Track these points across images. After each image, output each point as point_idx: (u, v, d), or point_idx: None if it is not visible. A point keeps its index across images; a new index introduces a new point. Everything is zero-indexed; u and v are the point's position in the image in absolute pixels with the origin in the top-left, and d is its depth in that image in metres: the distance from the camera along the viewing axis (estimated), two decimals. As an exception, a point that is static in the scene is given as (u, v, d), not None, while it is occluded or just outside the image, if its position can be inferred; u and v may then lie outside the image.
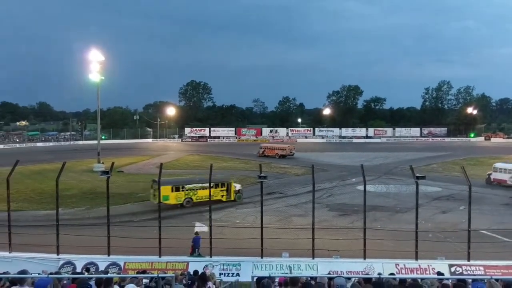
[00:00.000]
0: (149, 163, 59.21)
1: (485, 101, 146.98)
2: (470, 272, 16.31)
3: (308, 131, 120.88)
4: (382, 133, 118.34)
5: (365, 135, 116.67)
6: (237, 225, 25.64)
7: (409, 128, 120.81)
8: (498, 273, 16.18)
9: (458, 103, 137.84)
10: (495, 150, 79.61)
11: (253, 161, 55.94)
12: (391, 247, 19.52)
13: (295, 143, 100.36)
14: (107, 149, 66.81)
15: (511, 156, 64.72)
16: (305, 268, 16.53)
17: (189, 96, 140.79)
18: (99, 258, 17.22)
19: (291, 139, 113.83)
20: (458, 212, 29.13)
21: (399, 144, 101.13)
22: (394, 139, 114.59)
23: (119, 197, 33.87)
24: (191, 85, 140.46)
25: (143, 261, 17.04)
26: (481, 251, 18.15)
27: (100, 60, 52.34)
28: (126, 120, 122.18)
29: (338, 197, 36.07)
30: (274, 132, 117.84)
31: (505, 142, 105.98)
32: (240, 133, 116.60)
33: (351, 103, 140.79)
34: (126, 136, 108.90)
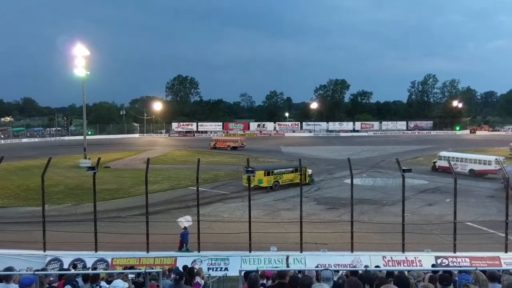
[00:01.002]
0: (136, 158, 58.85)
1: (470, 94, 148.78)
2: (456, 264, 16.51)
3: (296, 125, 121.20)
4: (369, 126, 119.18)
5: (352, 129, 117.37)
6: (225, 220, 25.67)
7: (396, 122, 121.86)
8: (483, 264, 16.41)
9: (444, 96, 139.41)
10: (480, 142, 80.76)
11: (241, 156, 55.85)
12: (378, 240, 19.71)
13: (283, 138, 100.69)
14: (93, 145, 66.26)
15: (495, 148, 65.88)
16: (293, 262, 16.58)
17: (176, 91, 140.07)
18: (87, 254, 17.09)
19: (279, 133, 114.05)
20: (444, 204, 29.49)
21: (386, 137, 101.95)
22: (381, 132, 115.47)
23: (106, 193, 33.65)
24: (178, 79, 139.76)
25: (130, 256, 16.94)
26: (467, 243, 18.41)
27: (85, 54, 51.67)
28: (112, 115, 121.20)
29: (326, 190, 36.25)
30: (261, 127, 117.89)
31: (490, 134, 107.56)
32: (227, 128, 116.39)
33: (338, 97, 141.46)
34: (113, 131, 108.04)
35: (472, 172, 42.63)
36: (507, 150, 59.94)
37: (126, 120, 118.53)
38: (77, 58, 51.35)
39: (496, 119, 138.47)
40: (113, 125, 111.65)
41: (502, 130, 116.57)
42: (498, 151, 61.99)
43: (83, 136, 57.27)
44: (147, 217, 17.98)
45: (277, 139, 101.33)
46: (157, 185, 37.62)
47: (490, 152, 61.47)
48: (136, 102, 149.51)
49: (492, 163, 42.06)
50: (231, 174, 43.79)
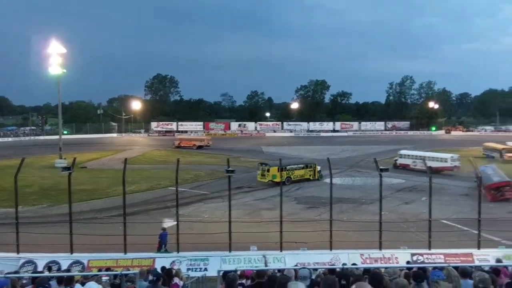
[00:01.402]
0: (114, 158, 58.05)
1: (446, 95, 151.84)
2: (431, 261, 16.83)
3: (277, 125, 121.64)
4: (348, 127, 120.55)
5: (332, 129, 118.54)
6: (205, 220, 25.57)
7: (374, 122, 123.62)
8: (457, 260, 16.79)
9: (421, 97, 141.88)
10: (455, 142, 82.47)
11: (221, 155, 55.75)
12: (357, 238, 19.92)
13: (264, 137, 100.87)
14: (69, 144, 65.09)
15: (470, 148, 67.32)
16: (273, 261, 16.64)
17: (155, 90, 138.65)
18: (62, 257, 16.78)
19: (260, 133, 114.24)
20: (420, 202, 30.04)
21: (365, 137, 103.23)
22: (360, 132, 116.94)
23: (83, 194, 33.11)
24: (157, 78, 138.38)
25: (107, 258, 16.70)
26: (442, 240, 18.74)
27: (61, 52, 50.70)
28: (89, 114, 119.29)
29: (306, 190, 36.47)
30: (242, 126, 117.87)
31: (464, 135, 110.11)
32: (208, 128, 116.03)
33: (319, 97, 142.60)
34: (90, 131, 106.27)
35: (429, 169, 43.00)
36: (480, 150, 61.35)
37: (104, 119, 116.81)
38: (52, 55, 50.34)
39: (470, 120, 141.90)
40: (90, 125, 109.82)
41: (476, 130, 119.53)
42: (472, 151, 63.42)
43: (59, 135, 56.14)
44: (124, 218, 17.75)
45: (258, 139, 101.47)
46: (136, 185, 37.20)
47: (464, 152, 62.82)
48: (114, 101, 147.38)
49: (448, 160, 44.88)
50: (211, 174, 43.64)
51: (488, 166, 37.16)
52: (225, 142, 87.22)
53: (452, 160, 44.72)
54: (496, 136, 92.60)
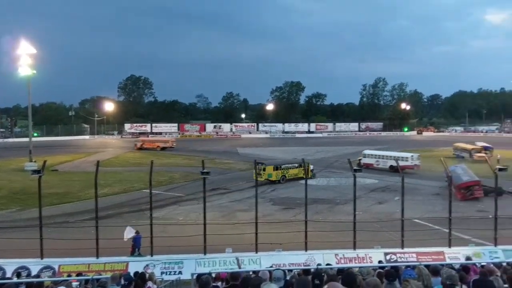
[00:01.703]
0: (86, 160, 56.86)
1: (417, 97, 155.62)
2: (404, 259, 17.12)
3: (252, 127, 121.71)
4: (323, 128, 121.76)
5: (307, 130, 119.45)
6: (180, 223, 25.32)
7: (348, 123, 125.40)
8: (429, 259, 17.12)
9: (393, 99, 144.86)
10: (426, 143, 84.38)
11: (196, 157, 55.38)
12: (331, 238, 20.06)
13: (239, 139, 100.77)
14: (40, 147, 63.46)
15: (440, 149, 68.99)
16: (249, 263, 16.61)
17: (129, 91, 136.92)
18: (32, 262, 16.32)
19: (235, 134, 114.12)
20: (393, 202, 30.56)
21: (339, 138, 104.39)
22: (335, 133, 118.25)
23: (54, 197, 32.37)
24: (130, 79, 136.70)
25: (79, 263, 16.34)
26: (414, 239, 19.06)
27: (31, 53, 49.45)
28: (60, 116, 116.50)
29: (282, 191, 36.62)
30: (218, 128, 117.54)
31: (435, 135, 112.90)
32: (183, 129, 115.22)
33: (294, 99, 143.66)
34: (61, 133, 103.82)
35: (392, 168, 45.82)
36: (450, 150, 62.90)
37: (76, 121, 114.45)
38: (22, 56, 49.04)
39: (441, 121, 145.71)
40: (61, 127, 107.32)
41: (447, 131, 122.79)
42: (444, 151, 65.00)
43: (29, 138, 54.75)
44: (96, 221, 17.42)
45: (234, 140, 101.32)
46: (108, 188, 36.60)
47: (435, 152, 64.41)
48: (86, 102, 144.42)
49: (409, 159, 46.84)
50: (186, 176, 43.33)
51: (458, 166, 38.09)
52: (200, 144, 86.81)
53: (412, 159, 46.75)
54: (465, 137, 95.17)
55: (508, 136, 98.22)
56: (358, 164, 48.02)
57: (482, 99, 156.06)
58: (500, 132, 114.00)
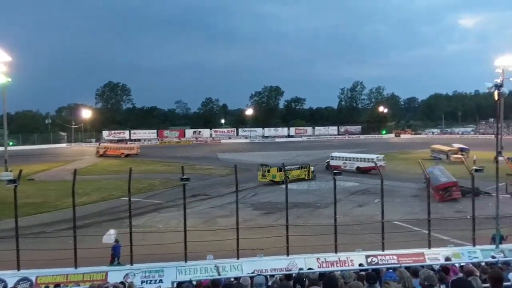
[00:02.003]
0: (63, 169, 55.83)
1: (394, 100, 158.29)
2: (385, 262, 17.20)
3: (232, 132, 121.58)
4: (302, 132, 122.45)
5: (287, 134, 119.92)
6: (160, 230, 25.04)
7: (328, 127, 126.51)
8: (409, 260, 17.24)
9: (371, 102, 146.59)
10: (404, 145, 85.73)
11: (176, 163, 54.90)
12: (313, 242, 20.12)
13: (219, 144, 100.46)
14: (15, 156, 61.86)
15: (418, 151, 70.13)
16: (230, 269, 16.47)
17: (107, 98, 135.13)
18: (8, 274, 15.84)
19: (215, 140, 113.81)
20: (373, 205, 30.80)
21: (319, 142, 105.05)
22: (314, 137, 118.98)
23: (30, 207, 31.64)
24: (108, 86, 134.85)
25: (57, 274, 15.93)
26: (394, 241, 19.25)
27: (5, 60, 48.37)
28: (37, 124, 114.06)
29: (263, 196, 36.61)
30: (197, 134, 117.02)
31: (412, 137, 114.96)
32: (162, 135, 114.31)
33: (273, 103, 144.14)
34: (37, 141, 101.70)
35: (358, 169, 48.73)
36: (428, 152, 64.00)
37: (52, 129, 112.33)
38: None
39: (418, 123, 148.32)
40: (37, 135, 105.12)
41: (424, 133, 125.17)
42: (421, 153, 66.08)
43: (4, 147, 53.46)
44: (74, 231, 17.06)
45: (214, 145, 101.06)
46: (86, 197, 35.97)
47: (413, 154, 65.47)
48: (63, 110, 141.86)
49: (374, 160, 47.62)
50: (166, 183, 42.92)
51: (436, 167, 38.78)
52: (180, 150, 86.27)
53: (378, 160, 47.77)
54: (442, 138, 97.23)
55: (483, 138, 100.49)
56: (326, 166, 51.97)
57: (457, 101, 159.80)
58: (476, 134, 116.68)
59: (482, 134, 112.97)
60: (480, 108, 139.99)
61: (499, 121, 25.17)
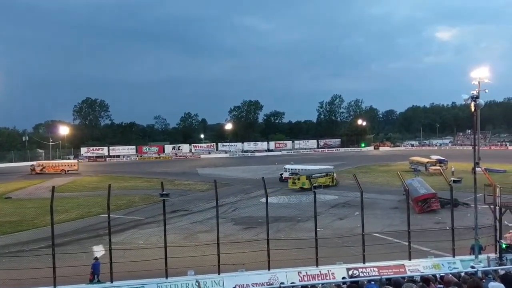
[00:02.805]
0: (41, 186, 54.73)
1: (373, 113, 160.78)
2: (366, 274, 17.32)
3: (211, 147, 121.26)
4: (282, 146, 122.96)
5: (266, 149, 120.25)
6: (140, 247, 24.74)
7: (307, 141, 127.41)
8: (390, 272, 17.43)
9: (350, 115, 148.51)
10: (383, 158, 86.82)
11: (156, 179, 54.47)
12: (294, 256, 20.16)
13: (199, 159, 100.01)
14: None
15: (398, 163, 71.18)
16: (211, 285, 16.39)
17: (85, 114, 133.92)
18: (-16, 295, 15.45)
19: (195, 155, 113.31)
20: (353, 217, 31.04)
21: (299, 156, 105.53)
22: (294, 151, 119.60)
23: (7, 226, 31.02)
24: (86, 102, 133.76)
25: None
26: (375, 253, 19.42)
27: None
28: (13, 141, 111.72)
29: (243, 210, 36.52)
30: (177, 149, 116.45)
31: (391, 150, 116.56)
32: (141, 151, 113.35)
33: (252, 117, 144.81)
34: (14, 159, 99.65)
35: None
36: (407, 164, 65.01)
37: (30, 146, 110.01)
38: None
39: (397, 136, 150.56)
40: (14, 152, 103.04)
41: (402, 145, 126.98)
42: (400, 165, 67.17)
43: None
44: (53, 249, 16.69)
45: (193, 161, 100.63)
46: (65, 214, 35.30)
47: (392, 166, 66.39)
48: (40, 127, 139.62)
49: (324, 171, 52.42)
50: (146, 199, 42.46)
51: (415, 179, 39.35)
52: (160, 165, 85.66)
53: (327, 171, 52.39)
54: (420, 150, 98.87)
55: (461, 149, 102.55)
56: (280, 178, 54.33)
57: (434, 114, 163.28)
58: (454, 145, 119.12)
59: (459, 145, 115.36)
60: (457, 119, 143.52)
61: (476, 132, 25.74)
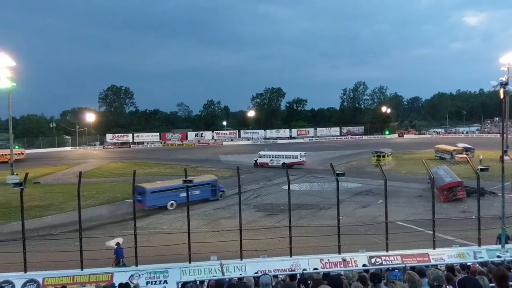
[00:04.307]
0: (68, 172, 56.15)
1: (398, 100, 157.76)
2: (389, 262, 17.21)
3: (234, 134, 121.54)
4: (304, 133, 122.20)
5: (289, 136, 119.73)
6: (164, 232, 25.14)
7: (330, 128, 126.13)
8: (414, 261, 17.23)
9: (374, 102, 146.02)
10: (408, 145, 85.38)
11: (179, 166, 55.15)
12: (316, 243, 20.16)
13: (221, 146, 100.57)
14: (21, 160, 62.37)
15: (422, 151, 69.99)
16: (234, 270, 16.52)
17: (110, 102, 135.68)
18: (15, 276, 15.95)
19: (217, 142, 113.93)
20: (377, 205, 30.83)
21: (321, 143, 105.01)
22: (316, 138, 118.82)
23: (36, 210, 31.88)
24: (111, 90, 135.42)
25: (63, 275, 16.04)
26: (398, 241, 19.28)
27: (10, 65, 48.65)
28: (41, 128, 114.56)
29: (265, 197, 36.65)
30: (199, 136, 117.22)
31: (416, 138, 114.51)
32: (165, 138, 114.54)
33: (275, 105, 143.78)
34: (42, 145, 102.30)
35: (284, 165, 53.06)
36: (432, 152, 63.87)
37: (57, 133, 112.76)
38: (1, 69, 48.25)
39: (422, 123, 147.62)
40: (42, 139, 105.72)
41: (428, 133, 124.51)
42: (425, 153, 66.03)
43: (10, 151, 53.84)
44: (80, 232, 17.15)
45: (216, 148, 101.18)
46: (92, 199, 36.14)
47: (417, 154, 65.23)
48: (67, 113, 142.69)
49: (298, 156, 56.30)
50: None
51: (440, 167, 38.70)
52: (183, 152, 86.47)
53: (300, 156, 56.10)
54: (446, 138, 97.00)
55: (488, 137, 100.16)
56: (254, 164, 57.61)
57: (461, 101, 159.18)
58: (481, 133, 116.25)
59: (487, 133, 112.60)
60: (485, 107, 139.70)
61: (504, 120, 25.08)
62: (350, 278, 8.52)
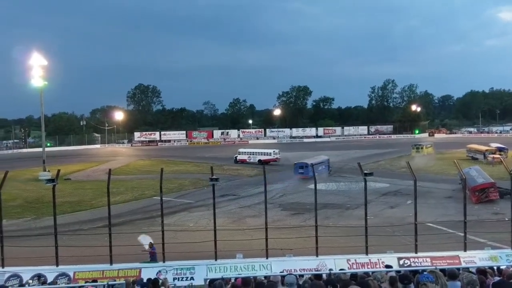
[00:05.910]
0: (98, 169, 57.37)
1: (428, 98, 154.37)
2: (418, 264, 16.87)
3: (260, 132, 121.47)
4: (331, 132, 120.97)
5: (315, 135, 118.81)
6: (190, 229, 25.37)
7: (357, 127, 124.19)
8: (444, 263, 16.80)
9: (403, 101, 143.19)
10: (438, 145, 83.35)
11: (205, 164, 55.52)
12: (343, 243, 19.93)
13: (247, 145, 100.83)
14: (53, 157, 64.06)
15: (453, 150, 68.29)
16: (259, 268, 16.54)
17: (138, 100, 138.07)
18: (47, 269, 16.41)
19: (243, 140, 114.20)
20: (405, 206, 30.24)
21: (348, 142, 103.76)
22: (343, 137, 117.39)
23: (67, 206, 32.70)
24: (139, 88, 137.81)
25: (93, 269, 16.41)
26: (428, 243, 18.84)
27: (42, 64, 50.10)
28: (72, 126, 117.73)
29: (291, 196, 36.52)
30: (225, 134, 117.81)
31: (447, 137, 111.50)
32: (191, 136, 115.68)
33: (301, 103, 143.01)
34: (73, 142, 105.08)
35: (260, 161, 56.63)
36: (464, 152, 62.22)
37: (87, 130, 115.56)
38: (34, 68, 49.74)
39: (453, 122, 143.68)
40: (73, 136, 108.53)
41: (459, 132, 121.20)
42: (456, 153, 64.33)
43: (42, 148, 55.43)
44: (109, 228, 17.50)
45: (241, 146, 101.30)
46: (120, 196, 36.85)
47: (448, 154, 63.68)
48: (96, 112, 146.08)
49: (271, 154, 60.46)
50: (196, 183, 43.44)
51: (472, 168, 37.66)
52: (209, 151, 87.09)
53: (274, 154, 60.54)
54: (479, 138, 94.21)
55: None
56: (235, 160, 61.41)
57: (495, 99, 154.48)
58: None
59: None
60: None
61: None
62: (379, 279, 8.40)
